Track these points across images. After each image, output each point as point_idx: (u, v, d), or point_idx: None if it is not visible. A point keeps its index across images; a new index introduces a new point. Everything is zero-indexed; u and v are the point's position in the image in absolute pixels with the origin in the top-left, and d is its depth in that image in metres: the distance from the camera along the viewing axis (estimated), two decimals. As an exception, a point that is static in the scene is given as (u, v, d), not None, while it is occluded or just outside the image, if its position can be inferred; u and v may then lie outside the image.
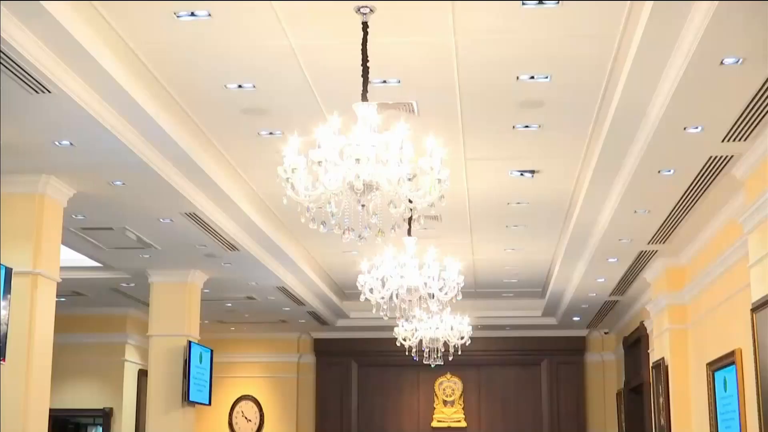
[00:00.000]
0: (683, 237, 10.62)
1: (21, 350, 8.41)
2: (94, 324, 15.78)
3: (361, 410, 18.64)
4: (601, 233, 10.58)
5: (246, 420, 18.73)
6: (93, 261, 12.42)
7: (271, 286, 14.08)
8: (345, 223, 5.62)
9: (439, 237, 11.68)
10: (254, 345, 18.79)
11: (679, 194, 9.04)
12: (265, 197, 10.64)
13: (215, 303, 15.11)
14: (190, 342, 12.74)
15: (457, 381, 18.58)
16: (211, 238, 11.02)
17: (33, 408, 8.57)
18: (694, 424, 11.24)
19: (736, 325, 9.26)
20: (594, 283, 13.53)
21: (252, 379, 18.88)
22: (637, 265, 12.19)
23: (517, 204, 10.82)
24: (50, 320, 8.92)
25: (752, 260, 7.97)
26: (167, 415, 12.49)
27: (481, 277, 14.92)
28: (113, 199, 9.47)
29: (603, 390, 18.26)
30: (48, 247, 8.81)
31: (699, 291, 10.90)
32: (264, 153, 8.92)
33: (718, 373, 9.99)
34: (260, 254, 12.09)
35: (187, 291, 12.81)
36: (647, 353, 13.74)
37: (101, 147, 7.83)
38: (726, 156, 7.93)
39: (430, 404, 18.61)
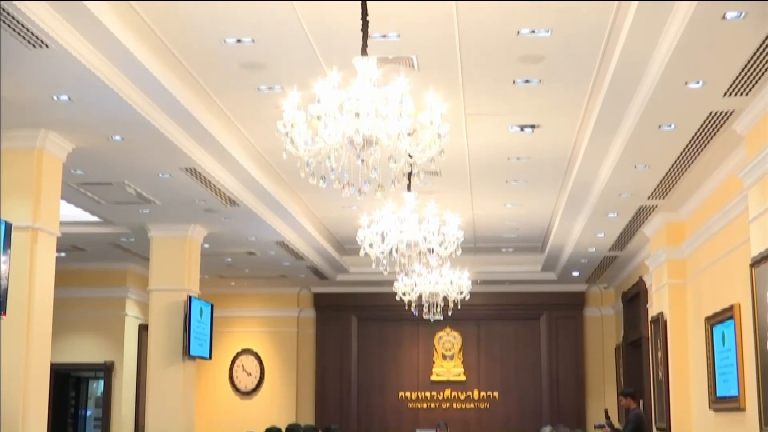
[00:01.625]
0: (683, 192, 10.62)
1: (21, 305, 8.44)
2: (94, 279, 15.82)
3: (361, 365, 18.73)
4: (601, 188, 10.57)
5: (246, 374, 18.84)
6: (93, 216, 12.41)
7: (270, 241, 14.09)
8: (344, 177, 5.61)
9: (439, 192, 11.68)
10: (254, 300, 18.85)
11: (680, 149, 9.02)
12: (264, 152, 10.62)
13: (215, 258, 15.13)
14: (190, 296, 12.78)
15: (456, 335, 18.65)
16: (211, 193, 11.01)
17: (34, 362, 8.61)
18: (692, 378, 11.31)
19: (735, 280, 9.29)
20: (593, 238, 13.55)
21: (252, 333, 18.96)
22: (637, 221, 12.20)
23: (517, 159, 10.80)
24: (50, 275, 8.94)
25: (752, 215, 7.97)
26: (168, 369, 12.56)
27: (481, 232, 14.92)
28: (112, 155, 9.45)
29: (602, 344, 18.34)
30: (47, 202, 8.80)
31: (698, 246, 10.92)
32: (263, 108, 8.89)
33: (716, 328, 10.03)
34: (260, 209, 12.09)
35: (186, 246, 12.83)
36: (646, 308, 13.79)
37: (100, 102, 7.81)
38: (727, 111, 7.91)
39: (429, 358, 18.70)
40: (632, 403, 13.13)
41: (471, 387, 18.52)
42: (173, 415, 12.40)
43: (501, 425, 18.24)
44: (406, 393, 18.60)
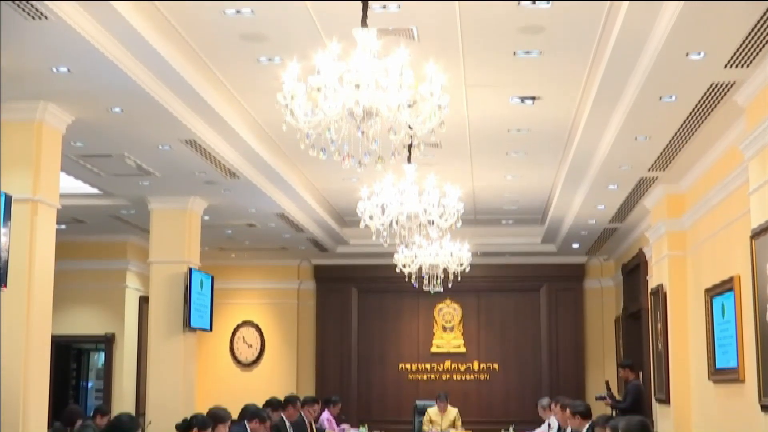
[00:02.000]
0: (683, 164, 10.61)
1: (22, 277, 8.45)
2: (94, 251, 15.85)
3: (361, 336, 18.78)
4: (601, 160, 10.56)
5: (247, 345, 18.89)
6: (93, 188, 12.42)
7: (271, 213, 14.10)
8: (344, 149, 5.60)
9: (439, 164, 11.67)
10: (255, 272, 18.88)
11: (680, 121, 9.01)
12: (264, 124, 10.60)
13: (215, 230, 15.14)
14: (190, 268, 12.79)
15: (456, 307, 18.69)
16: (211, 165, 11.01)
17: (35, 334, 8.64)
18: (691, 349, 11.34)
19: (735, 252, 9.30)
20: (594, 210, 13.54)
21: (253, 305, 19.00)
22: (637, 192, 12.19)
23: (517, 131, 10.78)
24: (51, 247, 8.95)
25: (752, 187, 7.97)
26: (169, 340, 12.59)
27: (481, 203, 14.92)
28: (112, 126, 9.44)
29: (601, 316, 18.38)
30: (47, 174, 8.80)
31: (698, 218, 10.92)
32: (263, 79, 8.87)
33: (716, 299, 10.05)
34: (260, 181, 12.08)
35: (187, 218, 12.83)
36: (646, 280, 13.81)
37: (99, 74, 7.79)
38: (728, 82, 7.89)
39: (429, 330, 18.74)
40: (631, 374, 13.20)
41: (471, 359, 18.58)
42: (174, 386, 12.45)
43: (501, 396, 18.31)
44: (406, 364, 18.66)
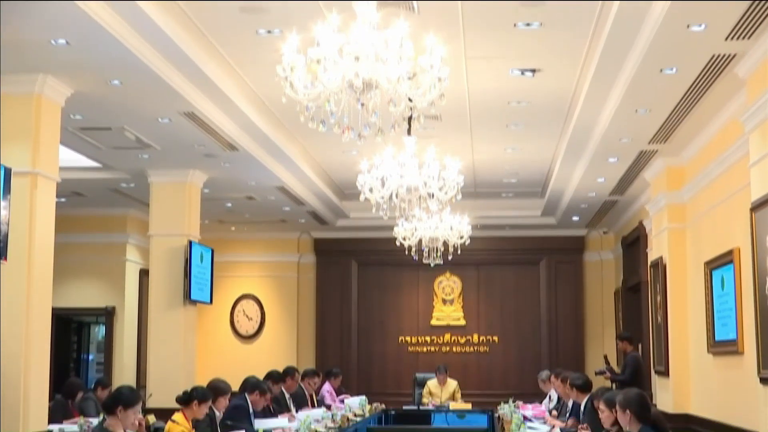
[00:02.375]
0: (684, 136, 10.59)
1: (22, 250, 8.46)
2: (94, 224, 15.85)
3: (361, 309, 18.82)
4: (601, 133, 10.54)
5: (247, 318, 18.94)
6: (92, 161, 12.40)
7: (270, 186, 14.09)
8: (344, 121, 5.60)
9: (439, 136, 11.65)
10: (254, 245, 18.89)
11: (681, 93, 8.98)
12: (264, 97, 10.57)
13: (215, 203, 15.14)
14: (190, 241, 12.79)
15: (456, 280, 18.72)
16: (210, 138, 10.99)
17: (35, 306, 8.65)
18: (690, 322, 11.37)
19: (735, 225, 9.30)
20: (594, 183, 13.54)
21: (253, 278, 19.03)
22: (637, 165, 12.18)
23: (517, 103, 10.75)
24: (50, 220, 8.95)
25: (753, 159, 7.96)
26: (169, 313, 12.62)
27: (481, 176, 14.91)
28: (111, 99, 9.42)
29: (601, 289, 18.41)
30: (46, 146, 8.79)
31: (698, 190, 10.92)
32: (262, 52, 8.84)
33: (715, 272, 10.06)
34: (260, 154, 12.07)
35: (186, 191, 12.83)
36: (645, 252, 13.82)
37: (98, 46, 7.76)
38: (729, 54, 7.86)
39: (429, 303, 18.78)
40: (629, 346, 13.24)
41: (471, 331, 18.63)
42: (174, 359, 12.48)
43: (500, 369, 18.37)
44: (406, 337, 18.71)
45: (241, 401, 9.64)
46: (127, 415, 6.78)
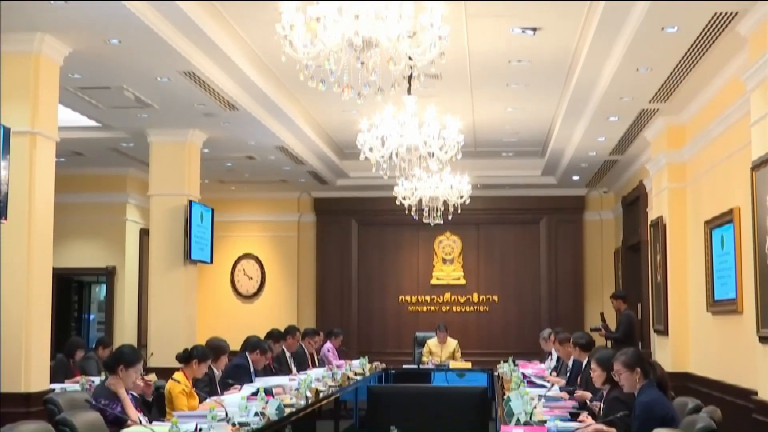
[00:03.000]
0: (685, 95, 10.56)
1: (22, 209, 8.46)
2: (94, 184, 15.85)
3: (361, 269, 18.85)
4: (602, 91, 10.50)
5: (248, 278, 18.98)
6: (91, 121, 12.37)
7: (270, 146, 14.06)
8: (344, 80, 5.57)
9: (439, 95, 11.60)
10: (255, 204, 18.89)
11: (683, 52, 8.94)
12: (263, 55, 10.53)
13: (215, 162, 15.12)
14: (190, 201, 12.79)
15: (456, 239, 18.74)
16: (210, 97, 10.95)
17: (36, 266, 8.67)
18: (690, 281, 11.39)
19: (735, 184, 9.29)
20: (594, 142, 13.51)
21: (253, 237, 19.05)
22: (638, 124, 12.15)
23: (518, 62, 10.70)
24: (50, 179, 8.94)
25: (754, 118, 7.93)
26: (169, 273, 12.64)
27: (481, 136, 14.88)
28: (110, 58, 9.37)
29: (601, 248, 18.43)
30: (45, 106, 8.76)
31: (699, 149, 10.90)
32: (262, 10, 8.78)
33: (715, 231, 10.07)
34: (259, 113, 12.03)
35: (186, 151, 12.81)
36: (645, 212, 13.83)
37: (95, 4, 7.71)
38: (731, 12, 7.81)
39: (429, 262, 18.81)
40: (623, 305, 13.29)
41: (471, 291, 18.67)
42: (175, 318, 12.52)
43: (500, 328, 18.43)
44: (406, 297, 18.76)
45: (242, 360, 9.69)
46: (129, 374, 6.82)
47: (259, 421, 7.03)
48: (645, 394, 6.05)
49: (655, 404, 5.94)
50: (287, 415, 7.91)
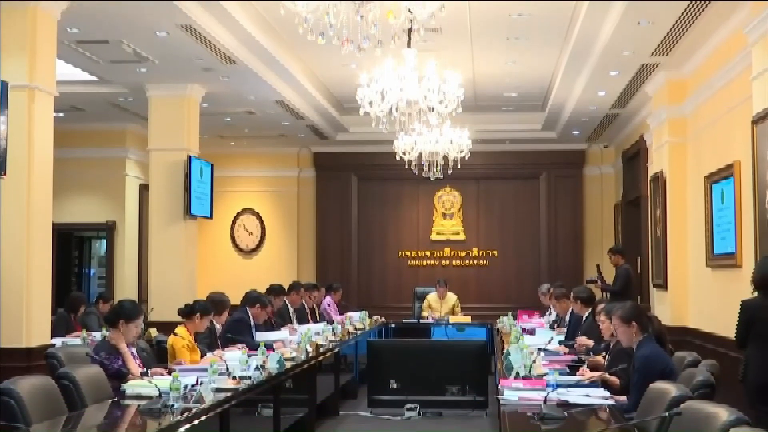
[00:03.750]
0: (686, 49, 10.50)
1: (21, 165, 8.44)
2: (93, 139, 15.81)
3: (361, 223, 18.87)
4: (603, 45, 10.44)
5: (248, 233, 19.00)
6: (90, 75, 12.32)
7: (269, 100, 14.02)
8: (343, 34, 5.54)
9: (439, 49, 11.54)
10: (254, 159, 18.87)
11: (684, 4, 8.88)
12: (262, 9, 10.46)
13: (214, 117, 15.08)
14: (190, 156, 12.77)
15: (456, 194, 18.73)
16: (209, 51, 10.90)
17: (36, 222, 8.66)
18: (689, 236, 11.40)
19: (736, 138, 9.27)
20: (595, 96, 13.47)
21: (253, 193, 19.04)
22: (639, 78, 12.10)
23: (518, 15, 10.63)
24: (49, 134, 8.92)
25: (755, 72, 7.90)
26: (169, 228, 12.65)
27: (481, 90, 14.83)
28: (108, 12, 9.32)
29: (601, 203, 18.43)
30: (43, 60, 8.71)
31: (700, 104, 10.86)
32: (260, -37, 8.72)
33: (715, 186, 10.06)
34: (259, 68, 11.97)
35: (185, 105, 12.77)
36: (646, 166, 13.81)
37: (93, -43, 7.66)
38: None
39: (429, 217, 18.82)
40: (620, 259, 13.29)
41: (470, 245, 18.70)
42: (175, 273, 12.56)
43: (500, 283, 18.47)
44: (406, 251, 18.80)
45: (243, 314, 9.73)
46: (129, 329, 6.86)
47: (260, 375, 7.08)
48: (644, 348, 6.11)
49: (653, 357, 5.98)
50: (287, 369, 7.96)
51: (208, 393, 5.84)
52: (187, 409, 5.42)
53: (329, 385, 10.59)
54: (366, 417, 10.74)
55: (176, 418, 5.20)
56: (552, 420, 5.04)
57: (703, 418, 4.21)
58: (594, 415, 5.50)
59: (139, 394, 5.90)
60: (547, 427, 4.95)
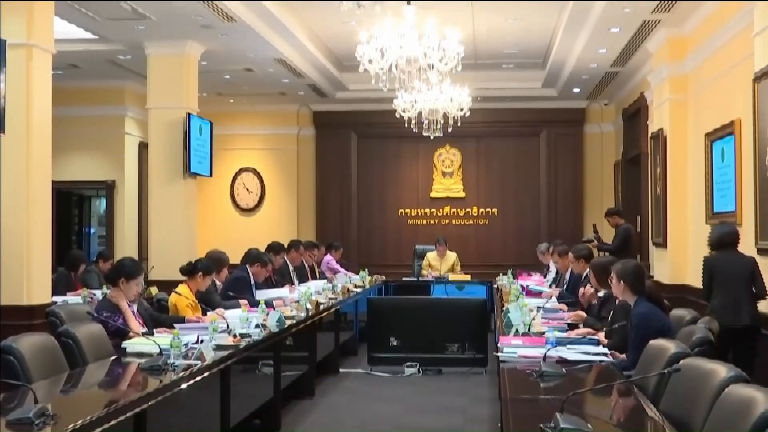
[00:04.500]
0: (687, 6, 10.44)
1: (20, 123, 8.44)
2: (92, 97, 15.76)
3: (361, 182, 18.85)
4: (604, 2, 10.38)
5: (247, 191, 18.99)
6: (88, 33, 12.26)
7: (269, 58, 13.95)
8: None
9: (439, 6, 11.47)
10: (254, 118, 18.81)
11: (686, -39, 8.82)
12: (260, -34, 10.39)
13: (213, 75, 15.02)
14: (189, 114, 12.73)
15: (456, 152, 18.70)
16: (207, 8, 10.83)
17: (35, 180, 8.67)
18: (689, 193, 11.40)
19: (737, 96, 9.24)
20: (595, 54, 13.40)
21: (252, 151, 19.01)
22: (640, 35, 12.03)
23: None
24: (47, 92, 8.90)
25: (757, 29, 7.86)
26: (169, 186, 12.64)
27: (482, 47, 14.76)
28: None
29: (601, 161, 18.40)
30: (41, 18, 8.68)
31: (701, 61, 10.82)
32: None
33: (716, 144, 10.04)
34: (258, 25, 11.91)
35: (184, 63, 12.71)
36: (646, 124, 13.78)
37: None
38: None
39: (429, 175, 18.81)
40: (619, 219, 13.19)
41: (470, 204, 18.70)
42: (175, 231, 12.56)
43: (499, 241, 18.50)
44: (406, 210, 18.80)
45: (243, 273, 9.75)
46: (130, 287, 6.88)
47: (260, 333, 7.10)
48: (641, 306, 6.14)
49: (651, 315, 6.02)
50: (288, 327, 7.99)
51: (209, 351, 5.86)
52: (188, 366, 5.44)
53: (329, 343, 10.64)
54: (366, 374, 10.80)
55: (177, 375, 5.23)
56: (551, 377, 5.06)
57: (701, 375, 4.23)
58: (593, 373, 5.53)
59: (139, 352, 5.93)
60: (546, 384, 4.98)
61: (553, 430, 3.65)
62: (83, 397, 5.13)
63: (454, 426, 8.13)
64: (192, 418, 5.62)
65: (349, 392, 9.80)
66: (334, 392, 9.76)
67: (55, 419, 3.92)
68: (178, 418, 5.34)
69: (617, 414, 4.64)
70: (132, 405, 4.49)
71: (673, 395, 4.46)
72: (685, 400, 4.27)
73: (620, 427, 4.37)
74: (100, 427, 4.04)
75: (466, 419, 8.39)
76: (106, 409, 4.25)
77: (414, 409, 8.85)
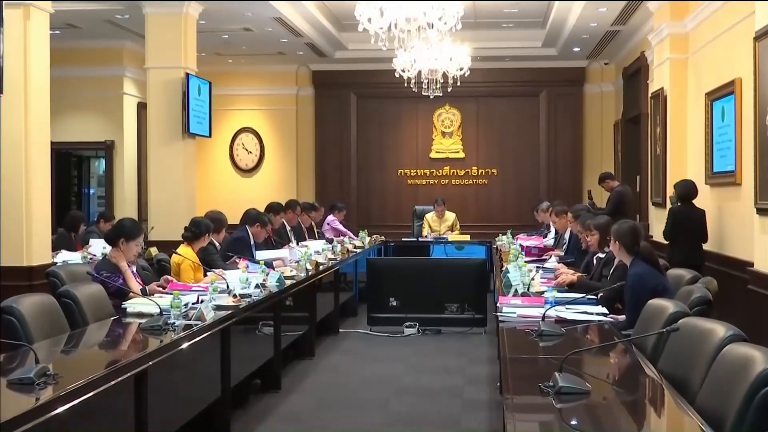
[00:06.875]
0: (689, -36, 10.38)
1: (18, 83, 8.42)
2: (90, 57, 15.68)
3: (360, 142, 18.82)
4: (604, -40, 10.33)
5: (247, 152, 18.96)
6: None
7: (267, 17, 13.88)
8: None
9: (439, -35, 11.40)
10: (252, 77, 18.74)
11: None
12: (258, -76, 10.31)
13: (212, 35, 14.94)
14: (187, 74, 12.67)
15: (455, 112, 18.65)
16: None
17: (34, 140, 8.66)
18: (689, 153, 11.39)
19: (738, 55, 9.20)
20: (595, 12, 13.33)
21: (251, 111, 18.95)
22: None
23: (519, -70, 10.49)
24: (45, 52, 8.87)
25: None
26: (168, 146, 12.60)
27: (481, 6, 14.67)
28: (102, -73, 9.19)
29: (601, 121, 18.36)
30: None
31: (701, 20, 10.76)
32: None
33: (716, 103, 10.02)
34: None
35: (182, 22, 12.62)
36: (646, 84, 13.73)
37: None
38: None
39: (428, 135, 18.77)
40: (612, 183, 12.86)
41: (470, 164, 18.68)
42: (175, 192, 12.54)
43: (499, 201, 18.50)
44: (406, 170, 18.78)
45: (242, 233, 9.76)
46: (130, 247, 6.89)
47: (260, 293, 7.12)
48: (636, 266, 6.17)
49: (645, 276, 6.05)
50: (287, 287, 8.01)
51: (209, 311, 5.88)
52: (188, 326, 5.47)
53: (329, 304, 10.67)
54: (366, 335, 10.84)
55: (177, 335, 5.25)
56: (550, 336, 5.08)
57: (700, 334, 4.24)
58: (592, 332, 5.55)
59: (140, 312, 5.95)
60: (545, 343, 5.00)
61: (552, 389, 3.67)
62: (84, 357, 5.15)
63: (453, 385, 8.17)
64: (192, 378, 5.65)
65: (348, 352, 9.84)
66: (334, 352, 9.80)
67: (56, 379, 3.94)
68: (179, 378, 5.37)
69: (615, 373, 4.66)
70: (133, 365, 4.51)
71: (672, 355, 4.48)
72: (684, 360, 4.29)
73: (618, 386, 4.39)
74: (101, 387, 4.06)
75: (465, 379, 8.43)
76: (106, 369, 4.27)
77: (413, 369, 8.89)
